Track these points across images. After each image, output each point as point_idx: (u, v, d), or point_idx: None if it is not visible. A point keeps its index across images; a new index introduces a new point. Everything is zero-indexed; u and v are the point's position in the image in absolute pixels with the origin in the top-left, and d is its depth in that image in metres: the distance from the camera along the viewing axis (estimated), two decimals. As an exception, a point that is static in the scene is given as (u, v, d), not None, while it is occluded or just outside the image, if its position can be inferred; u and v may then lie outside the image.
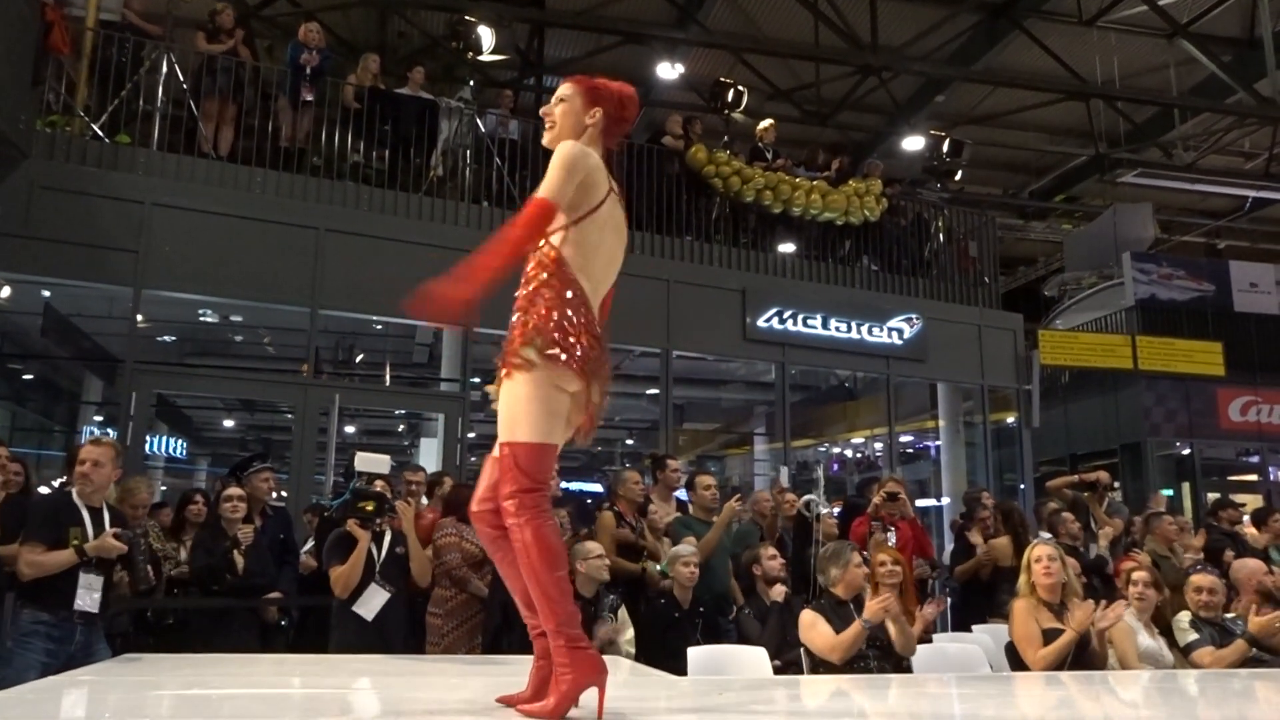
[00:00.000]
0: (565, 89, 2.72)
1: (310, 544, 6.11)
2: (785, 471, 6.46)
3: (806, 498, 6.33)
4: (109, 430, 9.23)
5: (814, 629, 4.42)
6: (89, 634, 4.19)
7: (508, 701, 2.48)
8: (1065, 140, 15.40)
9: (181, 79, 8.30)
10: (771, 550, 5.67)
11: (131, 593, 4.74)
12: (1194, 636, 4.75)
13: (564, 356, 2.42)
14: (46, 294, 8.86)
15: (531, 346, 2.42)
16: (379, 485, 4.71)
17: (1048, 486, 7.86)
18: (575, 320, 2.46)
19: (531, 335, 2.43)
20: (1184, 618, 4.87)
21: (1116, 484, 11.58)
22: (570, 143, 2.58)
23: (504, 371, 2.47)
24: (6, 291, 8.25)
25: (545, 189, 2.46)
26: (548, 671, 2.43)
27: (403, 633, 4.86)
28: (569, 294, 2.49)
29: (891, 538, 6.13)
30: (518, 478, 2.39)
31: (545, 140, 2.72)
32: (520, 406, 2.42)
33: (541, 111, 2.77)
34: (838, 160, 11.46)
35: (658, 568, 5.72)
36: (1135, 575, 5.01)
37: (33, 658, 3.99)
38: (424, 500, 6.40)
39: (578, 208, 2.52)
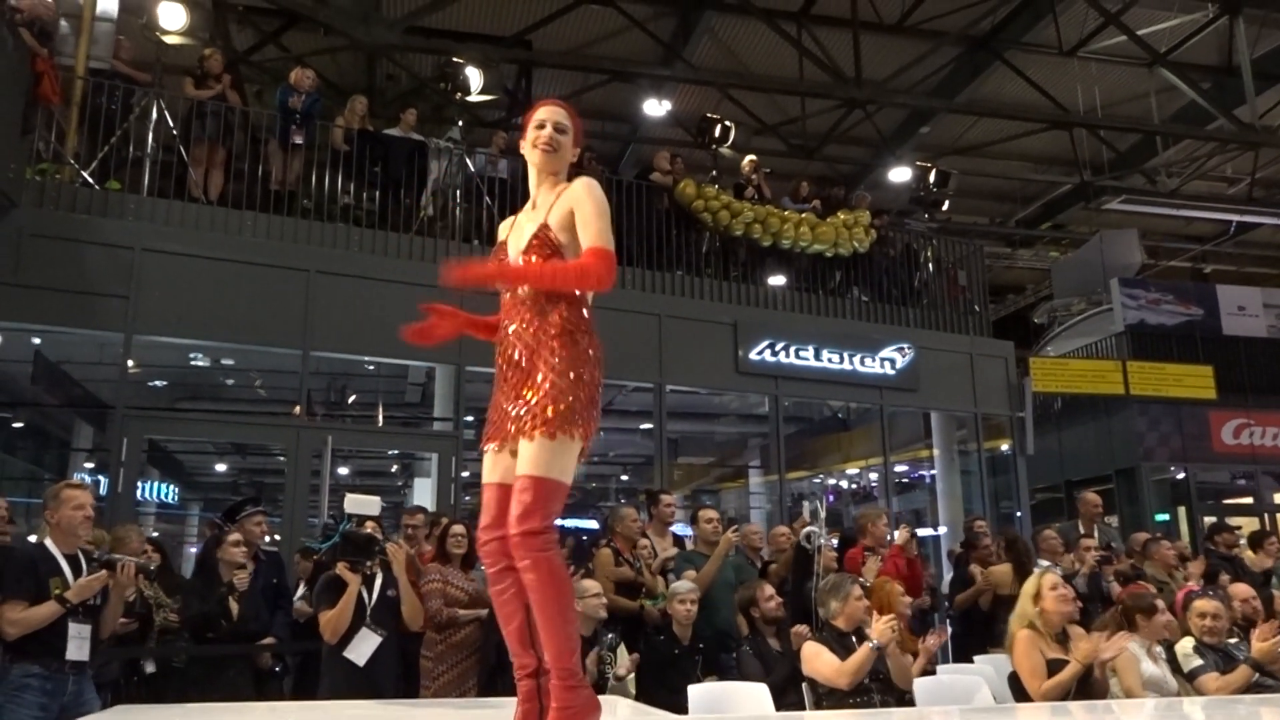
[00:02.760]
0: (567, 120, 2.71)
1: (303, 589, 6.03)
2: (808, 506, 6.35)
3: (806, 529, 6.29)
4: (99, 477, 9.15)
5: (819, 658, 4.37)
6: (80, 683, 4.12)
7: None
8: (1050, 169, 15.56)
9: (171, 125, 8.33)
10: (769, 590, 5.53)
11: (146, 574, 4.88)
12: (1198, 662, 4.71)
13: (586, 427, 2.48)
14: (36, 341, 8.83)
15: (552, 425, 2.43)
16: (369, 527, 4.63)
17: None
18: (593, 380, 2.52)
19: (556, 420, 2.43)
20: (1187, 644, 4.84)
21: (1112, 517, 11.53)
22: (592, 182, 2.60)
23: (532, 435, 2.44)
24: (-3, 340, 8.23)
25: (599, 238, 2.50)
26: (534, 715, 2.41)
27: (394, 677, 4.76)
28: (591, 350, 2.54)
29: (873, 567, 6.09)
30: (547, 512, 2.39)
31: (538, 160, 2.70)
32: (547, 453, 2.43)
33: (550, 136, 2.68)
34: (821, 193, 11.54)
35: (650, 603, 5.66)
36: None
37: (25, 713, 3.91)
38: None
39: None
